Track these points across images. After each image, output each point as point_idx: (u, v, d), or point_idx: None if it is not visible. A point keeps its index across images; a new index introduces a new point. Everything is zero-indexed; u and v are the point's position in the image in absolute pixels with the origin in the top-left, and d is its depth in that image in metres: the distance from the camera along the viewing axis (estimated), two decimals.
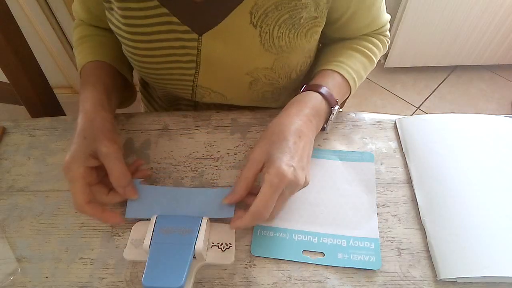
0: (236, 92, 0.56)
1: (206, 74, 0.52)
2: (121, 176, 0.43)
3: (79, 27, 0.58)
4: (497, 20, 1.48)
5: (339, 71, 0.53)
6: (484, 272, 0.41)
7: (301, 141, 0.44)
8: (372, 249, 0.44)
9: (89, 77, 0.51)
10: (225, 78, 0.53)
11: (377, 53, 0.58)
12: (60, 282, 0.43)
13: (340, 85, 0.53)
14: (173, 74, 0.53)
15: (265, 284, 0.43)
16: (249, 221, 0.41)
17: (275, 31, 0.46)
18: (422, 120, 0.55)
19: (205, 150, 0.54)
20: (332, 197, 0.49)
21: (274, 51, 0.49)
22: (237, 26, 0.46)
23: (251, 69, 0.51)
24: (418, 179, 0.50)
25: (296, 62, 0.53)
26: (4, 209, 0.49)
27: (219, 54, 0.49)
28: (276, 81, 0.54)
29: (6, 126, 0.57)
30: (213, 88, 0.55)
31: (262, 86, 0.54)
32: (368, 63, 0.57)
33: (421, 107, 1.64)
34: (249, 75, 0.52)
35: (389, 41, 0.62)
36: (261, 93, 0.56)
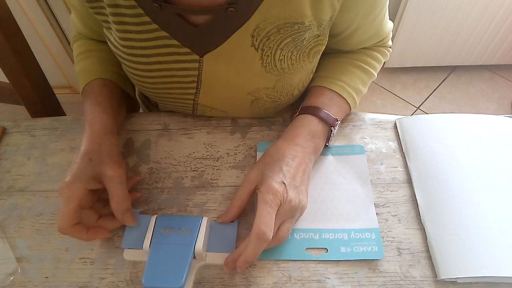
0: (238, 109, 0.56)
1: (207, 93, 0.51)
2: (122, 201, 0.43)
3: (79, 41, 0.58)
4: (497, 20, 1.48)
5: (337, 90, 0.52)
6: (484, 272, 0.41)
7: (294, 162, 0.45)
8: (373, 239, 0.45)
9: (98, 97, 0.50)
10: (226, 97, 0.52)
11: (377, 66, 0.58)
12: (60, 282, 0.43)
13: (339, 104, 0.53)
14: (173, 93, 0.52)
15: (265, 284, 0.43)
16: (254, 245, 0.39)
17: (277, 54, 0.46)
18: (422, 120, 0.55)
19: (205, 150, 0.54)
20: (328, 192, 0.49)
21: (276, 72, 0.48)
22: (239, 49, 0.45)
23: (252, 89, 0.50)
24: (418, 179, 0.50)
25: (299, 81, 0.52)
26: (4, 209, 0.49)
27: (221, 75, 0.48)
28: (278, 99, 0.53)
29: (6, 126, 0.57)
30: (214, 106, 0.55)
31: (264, 104, 0.54)
32: (368, 78, 0.56)
33: (421, 107, 1.64)
34: (250, 95, 0.51)
35: (390, 50, 0.60)
36: (263, 110, 0.56)
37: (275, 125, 0.57)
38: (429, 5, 1.40)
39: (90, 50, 0.56)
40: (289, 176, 0.44)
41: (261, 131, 0.56)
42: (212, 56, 0.46)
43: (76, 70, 0.56)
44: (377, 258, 0.44)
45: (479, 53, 1.62)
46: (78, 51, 0.56)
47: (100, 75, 0.53)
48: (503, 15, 1.45)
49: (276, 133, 0.56)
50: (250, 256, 0.39)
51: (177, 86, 0.50)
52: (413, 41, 1.54)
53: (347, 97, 0.53)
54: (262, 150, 0.53)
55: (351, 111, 0.56)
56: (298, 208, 0.44)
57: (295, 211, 0.43)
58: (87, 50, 0.56)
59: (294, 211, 0.43)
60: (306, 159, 0.47)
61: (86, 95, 0.51)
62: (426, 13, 1.43)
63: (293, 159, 0.45)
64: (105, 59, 0.55)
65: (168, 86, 0.50)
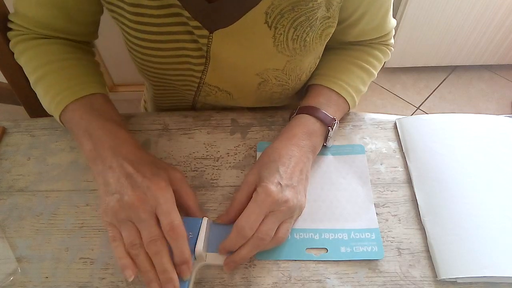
0: (244, 92, 0.55)
1: (214, 72, 0.50)
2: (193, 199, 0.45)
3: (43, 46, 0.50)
4: (497, 20, 1.48)
5: (336, 89, 0.52)
6: (484, 272, 0.41)
7: (291, 162, 0.45)
8: (373, 239, 0.45)
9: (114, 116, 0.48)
10: (234, 78, 0.52)
11: (377, 66, 0.57)
12: (60, 282, 0.43)
13: (337, 103, 0.52)
14: (179, 69, 0.50)
15: (265, 284, 0.43)
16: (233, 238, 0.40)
17: (290, 33, 0.45)
18: (422, 120, 0.55)
19: (205, 150, 0.54)
20: (328, 192, 0.49)
21: (288, 53, 0.47)
22: (251, 26, 0.44)
23: (261, 70, 0.50)
24: (418, 179, 0.50)
25: (308, 64, 0.52)
26: (4, 209, 0.49)
27: (229, 53, 0.47)
28: (286, 82, 0.53)
29: (6, 126, 0.57)
30: (220, 87, 0.54)
31: (271, 87, 0.54)
32: (368, 77, 0.56)
33: (421, 107, 1.64)
34: (258, 76, 0.51)
35: (392, 50, 0.60)
36: (269, 94, 0.55)
37: (275, 125, 0.57)
38: (429, 5, 1.40)
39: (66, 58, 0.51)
40: (286, 176, 0.43)
41: (261, 131, 0.56)
42: (223, 33, 0.45)
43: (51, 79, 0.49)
44: (377, 258, 0.44)
45: (479, 53, 1.62)
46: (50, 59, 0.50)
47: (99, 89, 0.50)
48: (503, 15, 1.46)
49: (276, 133, 0.56)
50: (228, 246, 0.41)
51: (185, 61, 0.49)
52: (413, 41, 1.54)
53: (346, 96, 0.52)
54: (262, 150, 0.53)
55: (350, 110, 0.56)
56: (296, 208, 0.43)
57: (293, 212, 0.43)
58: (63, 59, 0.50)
59: (292, 211, 0.43)
60: (304, 158, 0.46)
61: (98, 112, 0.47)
62: (426, 13, 1.43)
63: (290, 159, 0.45)
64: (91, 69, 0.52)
65: (176, 61, 0.49)
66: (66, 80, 0.48)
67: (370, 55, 0.56)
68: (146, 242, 0.39)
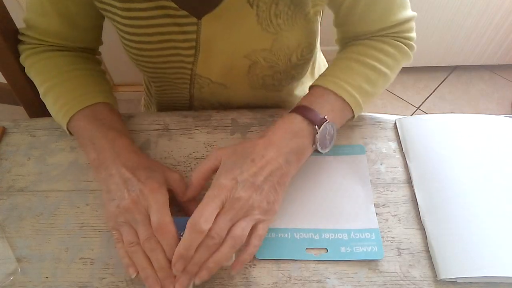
0: (236, 79, 0.55)
1: (204, 62, 0.51)
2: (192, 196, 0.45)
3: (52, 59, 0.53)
4: (497, 20, 1.48)
5: (331, 87, 0.48)
6: (484, 272, 0.41)
7: (261, 161, 0.42)
8: (373, 240, 0.45)
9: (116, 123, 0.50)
10: (224, 64, 0.52)
11: (388, 62, 0.51)
12: (60, 282, 0.43)
13: (333, 103, 0.48)
14: (170, 62, 0.51)
15: (265, 284, 0.43)
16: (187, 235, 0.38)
17: (272, 9, 0.45)
18: (422, 120, 0.55)
19: (205, 150, 0.54)
20: (328, 192, 0.49)
21: (273, 30, 0.47)
22: (234, 7, 0.45)
23: (249, 51, 0.50)
24: (418, 179, 0.50)
25: (297, 44, 0.50)
26: (4, 209, 0.49)
27: (217, 37, 0.48)
28: (276, 63, 0.52)
29: (6, 126, 0.57)
30: (212, 78, 0.54)
31: (261, 70, 0.53)
32: (376, 75, 0.50)
33: (421, 107, 1.64)
34: (247, 58, 0.51)
35: (411, 44, 0.53)
36: (261, 78, 0.55)
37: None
38: (429, 5, 1.40)
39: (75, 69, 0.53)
40: (248, 174, 0.41)
41: (261, 131, 0.56)
42: (210, 18, 0.46)
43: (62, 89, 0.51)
44: (377, 258, 0.44)
45: (479, 53, 1.62)
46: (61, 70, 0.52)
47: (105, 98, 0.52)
48: (503, 15, 1.45)
49: None
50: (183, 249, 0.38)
51: (175, 53, 0.50)
52: None
53: (343, 95, 0.48)
54: None
55: (355, 112, 0.50)
56: (252, 207, 0.40)
57: (248, 210, 0.40)
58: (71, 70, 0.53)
59: (247, 210, 0.40)
60: (280, 159, 0.43)
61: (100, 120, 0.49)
62: (426, 13, 1.43)
63: (262, 157, 0.42)
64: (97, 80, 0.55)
65: (166, 53, 0.50)
66: (72, 90, 0.51)
67: (376, 50, 0.51)
68: (142, 240, 0.40)
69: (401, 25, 0.51)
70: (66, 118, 0.49)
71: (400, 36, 0.52)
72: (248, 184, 0.41)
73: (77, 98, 0.50)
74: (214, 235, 0.38)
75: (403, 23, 0.51)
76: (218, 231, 0.39)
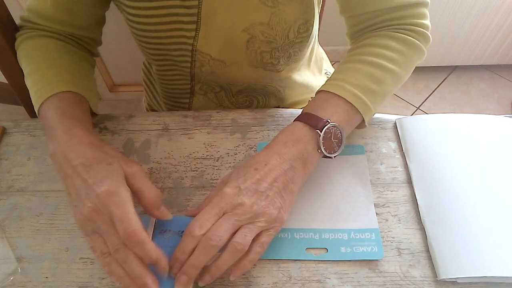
0: (235, 56, 0.55)
1: (205, 36, 0.52)
2: (156, 195, 0.41)
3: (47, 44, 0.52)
4: (497, 20, 1.48)
5: (332, 90, 0.46)
6: (484, 272, 0.41)
7: (264, 168, 0.41)
8: (373, 240, 0.45)
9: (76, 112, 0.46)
10: (223, 39, 0.53)
11: (394, 57, 0.48)
12: (60, 282, 0.43)
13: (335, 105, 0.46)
14: (173, 37, 0.52)
15: (265, 284, 0.43)
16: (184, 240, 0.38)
17: None
18: (422, 120, 0.55)
19: (205, 150, 0.54)
20: (328, 192, 0.49)
21: (270, 3, 0.48)
22: None
23: (247, 25, 0.51)
24: (418, 179, 0.50)
25: (294, 19, 0.51)
26: (4, 209, 0.49)
27: (218, 11, 0.49)
28: (274, 39, 0.52)
29: (6, 126, 0.57)
30: (212, 54, 0.55)
31: (259, 45, 0.53)
32: (381, 72, 0.47)
33: (421, 107, 1.64)
34: (245, 32, 0.51)
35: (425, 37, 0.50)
36: (259, 54, 0.55)
37: (275, 125, 0.57)
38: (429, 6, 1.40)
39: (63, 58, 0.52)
40: (252, 181, 0.40)
41: (261, 131, 0.56)
42: None
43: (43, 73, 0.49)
44: (377, 258, 0.44)
45: (479, 53, 1.62)
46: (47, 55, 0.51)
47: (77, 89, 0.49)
48: (503, 15, 1.45)
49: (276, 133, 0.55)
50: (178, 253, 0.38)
51: (177, 27, 0.51)
52: None
53: (345, 95, 0.45)
54: None
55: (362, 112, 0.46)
56: (257, 214, 0.39)
57: (252, 217, 0.39)
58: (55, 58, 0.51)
59: (250, 216, 0.39)
60: (283, 165, 0.42)
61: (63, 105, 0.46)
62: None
63: (265, 165, 0.42)
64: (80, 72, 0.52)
65: (169, 28, 0.51)
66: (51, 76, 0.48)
67: (379, 47, 0.48)
68: (111, 252, 0.37)
69: (409, 8, 0.48)
70: (37, 103, 0.47)
71: (408, 24, 0.49)
72: (251, 191, 0.40)
73: (46, 86, 0.47)
74: (211, 237, 0.37)
75: (411, 7, 0.48)
76: (218, 232, 0.38)
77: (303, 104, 0.73)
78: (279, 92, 0.66)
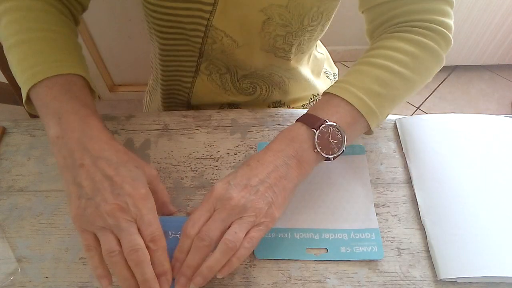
0: (248, 36, 0.54)
1: (222, 11, 0.51)
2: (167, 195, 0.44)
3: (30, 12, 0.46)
4: (497, 20, 1.48)
5: (334, 91, 0.45)
6: (484, 272, 0.41)
7: (257, 164, 0.41)
8: (373, 240, 0.45)
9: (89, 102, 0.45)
10: (239, 18, 0.52)
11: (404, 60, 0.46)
12: (60, 282, 0.43)
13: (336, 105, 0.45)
14: (189, 9, 0.50)
15: (265, 284, 0.43)
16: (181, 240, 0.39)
17: None
18: (422, 120, 0.55)
19: (205, 150, 0.54)
20: (328, 192, 0.49)
21: None
22: None
23: (265, 5, 0.49)
24: (418, 179, 0.50)
25: (310, 6, 0.50)
26: (4, 209, 0.49)
27: None
28: (289, 22, 0.52)
29: (6, 126, 0.57)
30: (226, 31, 0.54)
31: (274, 28, 0.53)
32: (389, 75, 0.45)
33: (421, 107, 1.64)
34: (263, 13, 0.50)
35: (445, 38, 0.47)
36: (273, 38, 0.54)
37: (275, 124, 0.57)
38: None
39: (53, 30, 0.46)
40: (243, 177, 0.40)
41: (261, 131, 0.56)
42: None
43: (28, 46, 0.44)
44: (377, 258, 0.44)
45: (479, 53, 1.62)
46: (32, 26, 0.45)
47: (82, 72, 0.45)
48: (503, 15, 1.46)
49: (276, 133, 0.55)
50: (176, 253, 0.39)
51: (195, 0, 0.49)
52: None
53: (347, 97, 0.44)
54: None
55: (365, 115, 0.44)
56: (244, 208, 0.38)
57: (241, 211, 0.38)
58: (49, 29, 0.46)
59: (240, 210, 0.38)
60: (277, 162, 0.41)
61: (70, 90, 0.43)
62: None
63: (258, 161, 0.42)
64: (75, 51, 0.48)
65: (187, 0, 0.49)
66: (45, 52, 0.44)
67: (389, 49, 0.46)
68: (126, 251, 0.36)
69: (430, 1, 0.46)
70: (31, 81, 0.42)
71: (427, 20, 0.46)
72: (241, 185, 0.40)
73: (50, 63, 0.43)
74: (203, 237, 0.38)
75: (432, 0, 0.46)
76: (208, 232, 0.38)
77: (303, 101, 0.73)
78: (284, 84, 0.66)
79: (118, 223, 0.37)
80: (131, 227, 0.37)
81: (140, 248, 0.36)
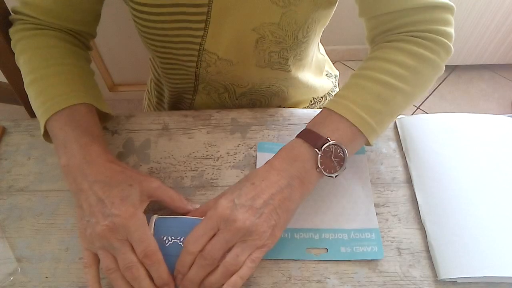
0: (243, 55, 0.54)
1: (214, 36, 0.51)
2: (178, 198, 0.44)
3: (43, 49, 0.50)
4: (497, 20, 1.48)
5: (332, 107, 0.45)
6: (484, 272, 0.41)
7: (261, 184, 0.41)
8: (373, 239, 0.45)
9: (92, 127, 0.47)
10: (232, 38, 0.52)
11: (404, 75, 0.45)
12: (60, 282, 0.43)
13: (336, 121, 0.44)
14: (179, 35, 0.51)
15: (265, 284, 0.43)
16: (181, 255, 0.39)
17: None
18: (422, 120, 0.55)
19: (205, 150, 0.54)
20: (328, 192, 0.49)
21: (282, 3, 0.47)
22: None
23: (258, 24, 0.49)
24: (418, 179, 0.50)
25: (304, 20, 0.50)
26: (4, 209, 0.49)
27: (229, 9, 0.48)
28: (283, 39, 0.52)
29: (6, 126, 0.57)
30: (220, 54, 0.54)
31: (268, 45, 0.53)
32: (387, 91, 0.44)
33: (421, 107, 1.64)
34: (255, 32, 0.50)
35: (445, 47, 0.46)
36: (267, 54, 0.54)
37: (275, 124, 0.57)
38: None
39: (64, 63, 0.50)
40: (247, 197, 0.40)
41: (261, 131, 0.56)
42: None
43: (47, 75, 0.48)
44: (377, 258, 0.44)
45: (479, 53, 1.62)
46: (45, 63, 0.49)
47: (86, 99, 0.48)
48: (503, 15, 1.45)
49: (276, 133, 0.56)
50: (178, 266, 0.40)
51: (185, 26, 0.49)
52: None
53: (349, 117, 0.43)
54: (262, 150, 0.53)
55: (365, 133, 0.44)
56: (250, 232, 0.39)
57: (245, 235, 0.39)
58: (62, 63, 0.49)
59: (243, 234, 0.39)
60: (281, 182, 0.41)
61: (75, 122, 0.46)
62: None
63: (262, 180, 0.41)
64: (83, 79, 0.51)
65: (176, 26, 0.49)
66: (55, 87, 0.48)
67: (389, 62, 0.45)
68: (122, 269, 0.39)
69: (431, 11, 0.45)
70: (45, 116, 0.46)
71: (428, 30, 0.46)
72: (246, 207, 0.40)
73: (57, 97, 0.47)
74: (206, 256, 0.38)
75: (433, 10, 0.45)
76: (212, 253, 0.38)
77: (304, 104, 0.73)
78: (283, 92, 0.66)
79: (110, 243, 0.39)
80: (124, 246, 0.39)
81: (134, 265, 0.38)
